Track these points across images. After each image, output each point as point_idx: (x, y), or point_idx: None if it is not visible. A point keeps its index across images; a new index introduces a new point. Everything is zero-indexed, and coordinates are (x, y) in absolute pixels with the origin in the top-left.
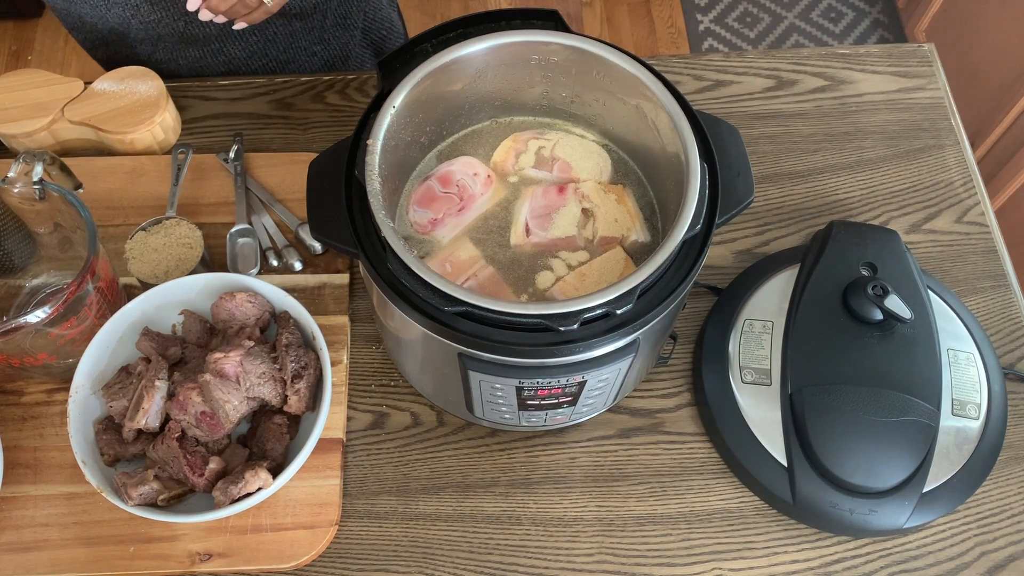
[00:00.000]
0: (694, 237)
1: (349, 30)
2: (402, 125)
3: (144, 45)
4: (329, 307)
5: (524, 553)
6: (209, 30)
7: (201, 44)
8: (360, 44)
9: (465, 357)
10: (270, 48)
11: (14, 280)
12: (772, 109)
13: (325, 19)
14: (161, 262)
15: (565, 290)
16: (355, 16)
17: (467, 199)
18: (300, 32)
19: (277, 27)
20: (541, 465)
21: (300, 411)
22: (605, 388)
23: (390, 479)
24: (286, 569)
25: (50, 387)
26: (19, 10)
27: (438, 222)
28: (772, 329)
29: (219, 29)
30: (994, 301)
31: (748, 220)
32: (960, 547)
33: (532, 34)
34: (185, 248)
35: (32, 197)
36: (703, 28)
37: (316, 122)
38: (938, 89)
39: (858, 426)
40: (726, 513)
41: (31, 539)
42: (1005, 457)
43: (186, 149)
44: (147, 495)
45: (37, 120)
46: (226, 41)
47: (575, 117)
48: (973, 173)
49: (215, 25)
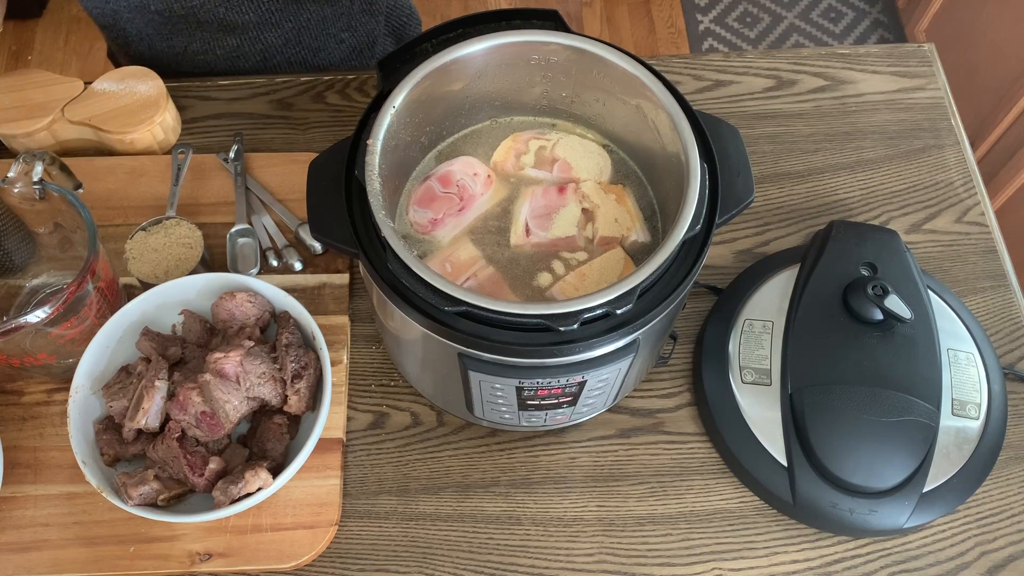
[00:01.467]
0: (694, 237)
1: (375, 16)
2: (402, 125)
3: (181, 36)
4: (329, 307)
5: (524, 553)
6: (248, 16)
7: (240, 32)
8: (384, 31)
9: (465, 357)
10: (303, 35)
11: (14, 280)
12: (772, 109)
13: (352, 4)
14: (161, 262)
15: (565, 290)
16: (380, 2)
17: (467, 199)
18: (330, 18)
19: (310, 13)
20: (541, 465)
21: (300, 411)
22: (605, 388)
23: (390, 479)
24: (286, 569)
25: (50, 387)
26: (19, 10)
27: (438, 222)
28: (772, 329)
29: (258, 16)
30: (994, 301)
31: (748, 220)
32: (960, 547)
33: (532, 34)
34: (185, 248)
35: (32, 197)
36: (703, 28)
37: (316, 122)
38: (938, 89)
39: (858, 426)
40: (726, 513)
41: (31, 539)
42: (1005, 457)
43: (186, 149)
44: (147, 495)
45: (37, 120)
46: (264, 28)
47: (575, 117)
48: (973, 173)
49: (254, 11)
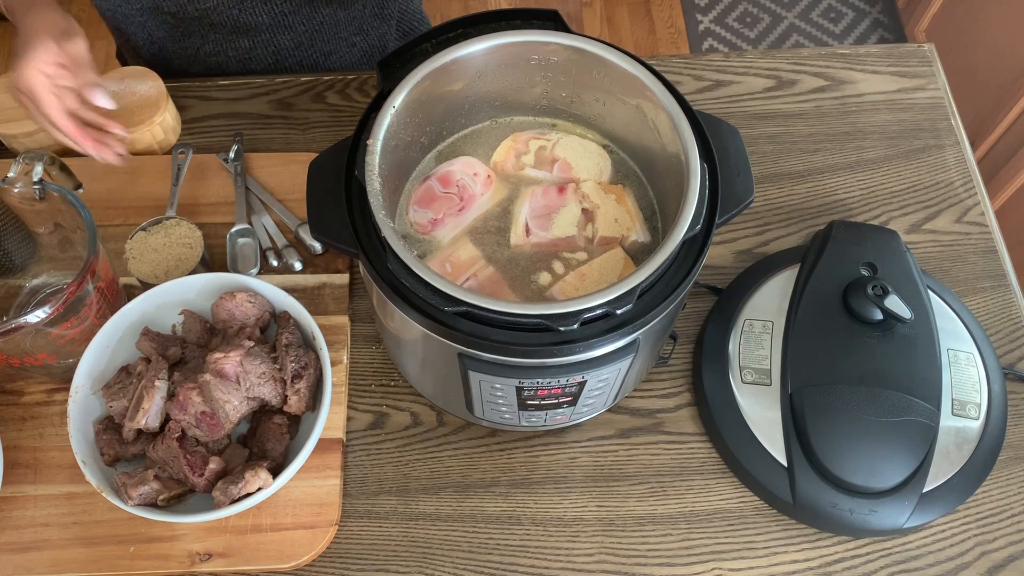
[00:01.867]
0: (694, 237)
1: (386, 20)
2: (402, 125)
3: (193, 38)
4: (329, 307)
5: (524, 553)
6: (262, 18)
7: (253, 34)
8: (395, 36)
9: (465, 357)
10: (316, 38)
11: (14, 280)
12: (772, 109)
13: (365, 8)
14: (161, 262)
15: (565, 290)
16: (391, 7)
17: (467, 199)
18: (343, 22)
19: (324, 16)
20: (541, 465)
21: (300, 411)
22: (605, 388)
23: (390, 479)
24: (286, 569)
25: (50, 387)
26: None
27: (438, 222)
28: (772, 329)
29: (271, 18)
30: (994, 301)
31: (748, 220)
32: (960, 547)
33: (532, 34)
34: (185, 248)
35: (32, 197)
36: (703, 28)
37: (316, 122)
38: (938, 89)
39: (858, 426)
40: (726, 513)
41: (31, 539)
42: (1005, 457)
43: (186, 149)
44: (147, 495)
45: None
46: (277, 31)
47: (575, 117)
48: (973, 173)
49: (267, 13)
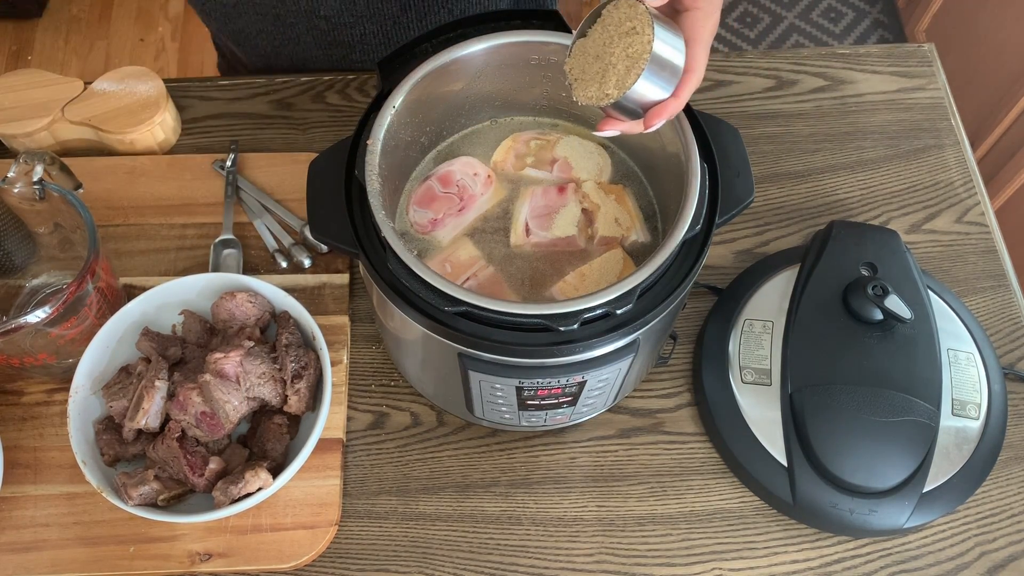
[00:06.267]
0: (694, 237)
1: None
2: (402, 125)
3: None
4: (329, 307)
5: (524, 553)
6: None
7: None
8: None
9: (465, 357)
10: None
11: (14, 280)
12: (772, 109)
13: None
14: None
15: (565, 290)
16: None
17: (467, 199)
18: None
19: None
20: (541, 465)
21: (300, 411)
22: (605, 388)
23: (390, 479)
24: (286, 569)
25: (50, 387)
26: (19, 10)
27: (438, 222)
28: (772, 329)
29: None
30: (994, 301)
31: (748, 220)
32: (960, 547)
33: (532, 34)
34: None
35: (32, 197)
36: None
37: (316, 122)
38: (938, 89)
39: (858, 426)
40: (726, 513)
41: (31, 539)
42: (1005, 457)
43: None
44: (147, 495)
45: (37, 120)
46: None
47: (575, 117)
48: (973, 173)
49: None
